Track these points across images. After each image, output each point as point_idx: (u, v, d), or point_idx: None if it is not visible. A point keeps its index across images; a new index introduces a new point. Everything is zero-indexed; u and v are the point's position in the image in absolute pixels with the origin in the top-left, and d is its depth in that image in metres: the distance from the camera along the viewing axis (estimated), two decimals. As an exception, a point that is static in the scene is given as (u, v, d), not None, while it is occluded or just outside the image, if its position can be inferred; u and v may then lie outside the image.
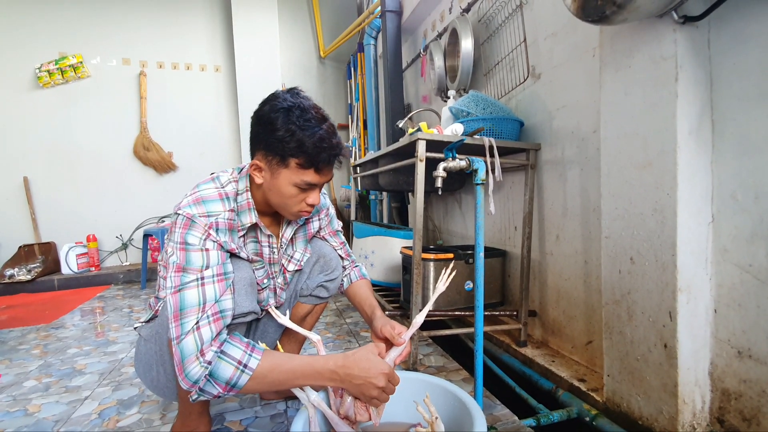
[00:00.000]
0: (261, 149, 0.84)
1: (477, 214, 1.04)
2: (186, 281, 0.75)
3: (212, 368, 0.71)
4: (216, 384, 0.71)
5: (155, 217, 3.74)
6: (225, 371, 0.71)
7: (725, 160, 0.91)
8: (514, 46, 1.66)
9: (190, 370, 0.70)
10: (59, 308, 2.52)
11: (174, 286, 0.75)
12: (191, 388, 0.71)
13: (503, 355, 1.62)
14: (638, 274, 1.01)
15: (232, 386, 0.72)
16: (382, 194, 3.41)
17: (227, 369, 0.72)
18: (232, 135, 3.97)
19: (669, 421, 0.94)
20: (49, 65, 3.37)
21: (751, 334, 0.87)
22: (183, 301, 0.74)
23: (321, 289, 1.10)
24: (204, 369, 0.71)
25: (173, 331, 0.73)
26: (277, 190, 0.84)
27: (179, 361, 0.71)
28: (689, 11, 0.87)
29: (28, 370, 1.54)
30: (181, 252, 0.77)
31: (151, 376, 0.94)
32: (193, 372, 0.70)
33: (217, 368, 0.71)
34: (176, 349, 0.72)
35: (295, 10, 4.25)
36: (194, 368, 0.70)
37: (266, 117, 0.82)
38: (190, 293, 0.75)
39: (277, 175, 0.83)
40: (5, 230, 3.34)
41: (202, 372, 0.71)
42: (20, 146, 3.37)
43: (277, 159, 0.81)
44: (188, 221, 0.78)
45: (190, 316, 0.73)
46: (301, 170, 0.82)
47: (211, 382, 0.71)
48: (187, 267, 0.76)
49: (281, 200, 0.86)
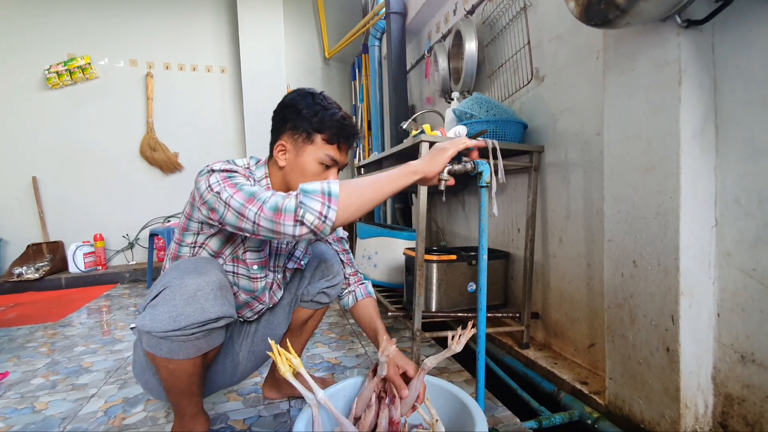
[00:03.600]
0: (287, 130, 0.91)
1: (481, 217, 1.04)
2: (243, 183, 0.79)
3: (302, 198, 0.72)
4: (314, 198, 0.71)
5: (161, 217, 3.77)
6: (314, 195, 0.72)
7: (729, 164, 0.91)
8: (518, 49, 1.66)
9: (286, 204, 0.72)
10: (66, 306, 2.55)
11: (232, 192, 0.77)
12: (294, 220, 0.71)
13: (505, 357, 1.62)
14: (641, 278, 1.01)
15: (329, 195, 0.72)
16: (385, 195, 3.40)
17: (315, 197, 0.72)
18: (238, 136, 4.00)
19: (671, 425, 0.94)
20: (57, 66, 3.42)
21: (755, 339, 0.86)
22: (250, 191, 0.76)
23: (322, 295, 1.11)
24: (295, 199, 0.72)
25: (252, 209, 0.73)
26: (300, 168, 0.90)
27: (271, 215, 0.72)
28: (693, 15, 0.87)
29: (36, 367, 1.56)
30: (224, 181, 0.79)
31: (145, 378, 0.95)
32: (290, 204, 0.72)
33: (307, 197, 0.72)
34: (263, 212, 0.72)
35: (301, 12, 4.27)
36: (289, 203, 0.72)
37: (293, 101, 0.91)
38: (252, 188, 0.78)
39: (302, 152, 0.90)
40: (14, 229, 3.39)
41: (296, 202, 0.72)
42: (29, 146, 3.42)
43: (304, 136, 0.89)
44: (227, 170, 0.82)
45: (261, 194, 0.75)
46: (326, 145, 0.90)
47: (307, 204, 0.71)
48: (238, 183, 0.79)
49: (303, 179, 0.90)
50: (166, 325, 0.78)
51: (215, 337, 0.86)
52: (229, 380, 1.07)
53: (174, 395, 0.90)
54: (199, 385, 0.92)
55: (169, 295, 0.80)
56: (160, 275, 0.86)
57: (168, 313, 0.78)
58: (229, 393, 1.28)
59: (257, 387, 1.32)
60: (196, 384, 0.90)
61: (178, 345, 0.81)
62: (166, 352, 0.81)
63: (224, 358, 1.00)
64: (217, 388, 1.07)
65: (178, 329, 0.78)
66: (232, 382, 1.10)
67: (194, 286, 0.80)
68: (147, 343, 0.83)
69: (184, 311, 0.78)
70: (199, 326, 0.80)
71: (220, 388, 1.08)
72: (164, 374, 0.85)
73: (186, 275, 0.81)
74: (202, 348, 0.84)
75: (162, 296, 0.80)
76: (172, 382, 0.86)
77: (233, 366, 1.03)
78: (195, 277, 0.81)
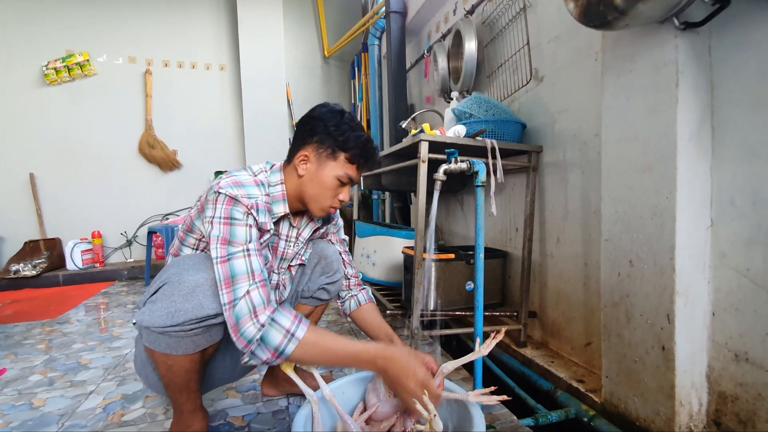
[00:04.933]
0: (313, 142, 0.93)
1: (477, 216, 1.05)
2: (232, 252, 0.80)
3: (264, 332, 0.76)
4: (266, 349, 0.76)
5: (159, 215, 3.77)
6: (275, 338, 0.77)
7: (724, 165, 0.92)
8: (517, 49, 1.67)
9: (245, 329, 0.76)
10: (64, 303, 2.55)
11: (221, 256, 0.80)
12: (245, 348, 0.77)
13: (503, 355, 1.63)
14: (637, 278, 1.02)
15: (280, 353, 0.77)
16: (384, 194, 3.42)
17: (277, 336, 0.77)
18: (236, 133, 4.00)
19: (666, 423, 0.95)
20: (56, 63, 3.41)
21: (748, 338, 0.87)
22: (233, 269, 0.79)
23: (322, 291, 1.12)
24: (258, 330, 0.76)
25: (225, 297, 0.78)
26: (319, 181, 0.92)
27: (234, 324, 0.76)
28: (690, 18, 0.88)
29: (33, 364, 1.56)
30: (225, 226, 0.81)
31: (146, 373, 0.95)
32: (249, 331, 0.75)
33: (268, 334, 0.76)
34: (230, 313, 0.77)
35: (300, 10, 4.26)
36: (249, 328, 0.76)
37: (323, 115, 0.93)
38: (239, 263, 0.79)
39: (324, 166, 0.92)
40: (11, 226, 3.37)
41: (256, 332, 0.75)
42: (27, 142, 3.41)
43: (329, 151, 0.92)
44: (231, 200, 0.83)
45: (242, 283, 0.78)
46: (347, 164, 0.93)
47: (262, 347, 0.76)
48: (232, 240, 0.81)
49: (319, 191, 0.93)
50: (165, 320, 0.79)
51: (213, 334, 0.86)
52: (228, 377, 1.07)
53: (172, 391, 0.90)
54: (198, 382, 0.92)
55: (168, 291, 0.81)
56: (161, 271, 0.87)
57: (166, 309, 0.79)
58: (228, 390, 1.29)
59: (256, 384, 1.33)
60: (194, 380, 0.90)
61: (176, 341, 0.81)
62: (165, 348, 0.82)
63: (224, 355, 1.01)
64: (217, 385, 1.07)
65: (176, 325, 0.79)
66: (231, 378, 1.10)
67: (193, 282, 0.81)
68: (146, 338, 0.83)
69: (183, 307, 0.79)
70: (197, 322, 0.80)
71: (220, 385, 1.09)
72: (163, 370, 0.86)
73: (185, 271, 0.82)
74: (200, 344, 0.84)
75: (161, 292, 0.81)
76: (171, 377, 0.87)
77: (233, 362, 1.03)
78: (194, 273, 0.82)
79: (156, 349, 0.83)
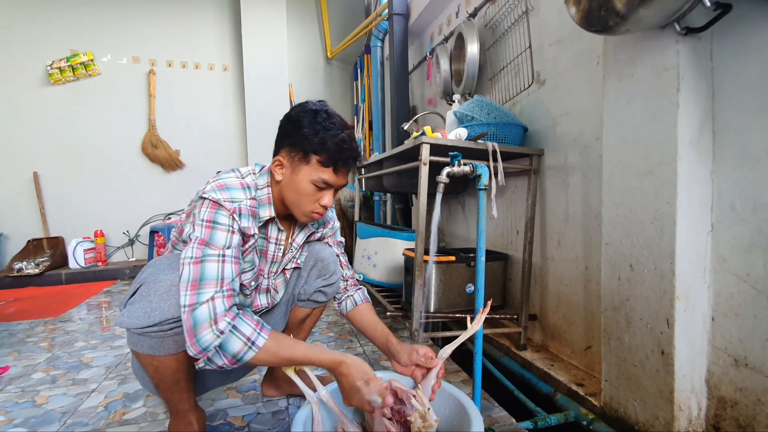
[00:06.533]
0: (286, 146, 0.89)
1: (479, 219, 1.05)
2: (208, 254, 0.78)
3: (223, 340, 0.74)
4: (223, 356, 0.74)
5: (162, 214, 3.78)
6: (234, 345, 0.75)
7: (725, 170, 0.92)
8: (519, 52, 1.68)
9: (202, 336, 0.73)
10: (66, 302, 2.56)
11: (195, 256, 0.77)
12: (199, 355, 0.74)
13: (503, 357, 1.63)
14: (637, 282, 1.02)
15: (238, 360, 0.75)
16: (386, 195, 3.43)
17: (236, 344, 0.75)
18: (239, 134, 4.01)
19: (665, 427, 0.95)
20: (60, 62, 3.43)
21: (748, 343, 0.87)
22: (203, 272, 0.76)
23: (319, 293, 1.12)
24: (216, 337, 0.73)
25: (187, 299, 0.74)
26: (294, 187, 0.88)
27: (191, 327, 0.73)
28: (692, 23, 0.88)
29: (36, 362, 1.57)
30: (206, 229, 0.80)
31: (141, 374, 0.96)
32: (206, 339, 0.73)
33: (227, 341, 0.74)
34: (188, 316, 0.74)
35: (304, 11, 4.28)
36: (207, 335, 0.73)
37: (295, 116, 0.89)
38: (211, 267, 0.77)
39: (297, 171, 0.88)
40: (15, 224, 3.40)
41: (213, 340, 0.73)
42: (31, 141, 3.43)
43: (300, 155, 0.87)
44: (215, 204, 0.82)
45: (208, 288, 0.76)
46: (320, 168, 0.87)
47: (219, 354, 0.74)
48: (210, 242, 0.79)
49: (297, 197, 0.89)
50: (142, 321, 0.78)
51: None
52: (227, 377, 1.08)
53: (164, 391, 0.90)
54: (188, 381, 0.92)
55: (145, 291, 0.81)
56: (139, 272, 0.87)
57: (143, 309, 0.79)
58: (229, 390, 1.30)
59: (256, 384, 1.33)
60: (183, 380, 0.90)
61: (157, 341, 0.81)
62: (148, 349, 0.82)
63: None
64: (216, 385, 1.08)
65: (154, 325, 0.79)
66: (230, 379, 1.11)
67: (168, 281, 0.81)
68: (129, 340, 0.84)
69: (159, 306, 0.79)
70: (174, 321, 0.80)
71: (219, 385, 1.09)
72: (150, 371, 0.86)
73: (160, 271, 0.82)
74: (182, 344, 0.83)
75: (138, 293, 0.82)
76: (159, 378, 0.87)
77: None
78: (169, 273, 0.82)
79: (140, 350, 0.83)
